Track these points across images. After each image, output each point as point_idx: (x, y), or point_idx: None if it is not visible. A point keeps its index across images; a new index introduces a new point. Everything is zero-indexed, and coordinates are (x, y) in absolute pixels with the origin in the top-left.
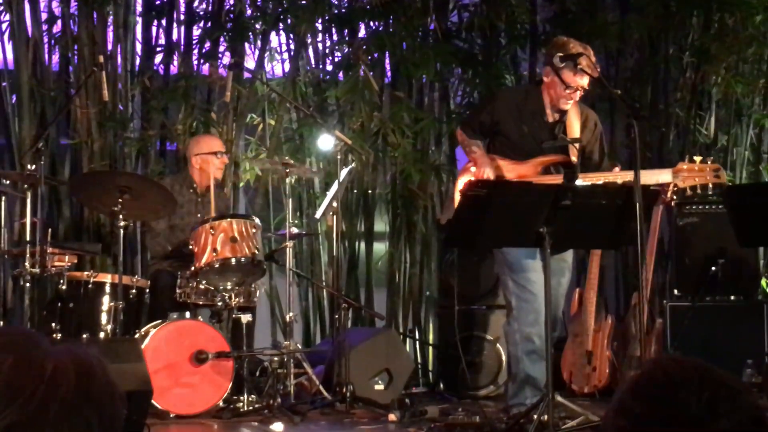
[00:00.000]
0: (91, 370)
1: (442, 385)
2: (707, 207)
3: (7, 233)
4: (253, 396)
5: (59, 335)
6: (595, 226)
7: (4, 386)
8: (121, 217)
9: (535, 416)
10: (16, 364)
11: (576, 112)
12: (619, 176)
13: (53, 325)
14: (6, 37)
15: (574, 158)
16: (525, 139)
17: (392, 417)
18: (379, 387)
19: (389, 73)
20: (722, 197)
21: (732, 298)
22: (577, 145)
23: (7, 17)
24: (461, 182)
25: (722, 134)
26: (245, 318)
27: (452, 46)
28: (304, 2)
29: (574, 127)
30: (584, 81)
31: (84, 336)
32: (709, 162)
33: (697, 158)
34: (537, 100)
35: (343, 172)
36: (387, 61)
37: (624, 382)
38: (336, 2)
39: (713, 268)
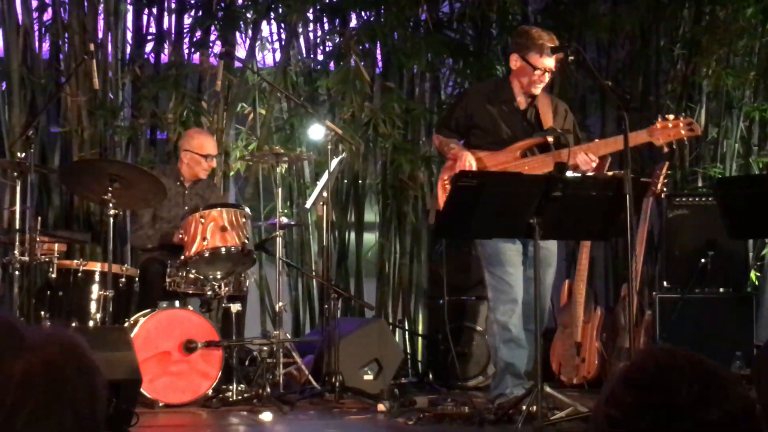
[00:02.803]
0: (63, 369)
1: (431, 376)
2: (697, 199)
3: None
4: (242, 385)
5: (48, 324)
6: (585, 218)
7: None
8: (111, 205)
9: (524, 407)
10: None
11: (546, 101)
12: (602, 144)
13: (42, 313)
14: None
15: (550, 139)
16: (498, 127)
17: (381, 407)
18: (369, 377)
19: (380, 64)
20: (712, 189)
21: (721, 290)
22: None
23: None
24: (443, 180)
25: (713, 126)
26: (235, 307)
27: (443, 36)
28: None
29: (547, 115)
30: (551, 63)
31: (73, 324)
32: (681, 117)
33: (670, 115)
34: (507, 89)
35: (334, 162)
36: (378, 51)
37: (614, 373)
38: None
39: (703, 260)
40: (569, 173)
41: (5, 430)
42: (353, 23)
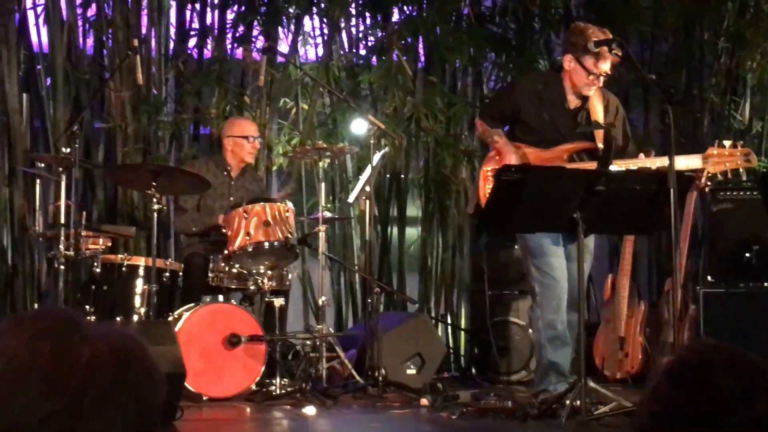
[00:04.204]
0: (128, 356)
1: (473, 370)
2: (741, 193)
3: (42, 216)
4: (285, 379)
5: (93, 318)
6: (629, 212)
7: (42, 376)
8: (154, 200)
9: (568, 401)
10: (53, 351)
11: (598, 97)
12: (649, 161)
13: (87, 307)
14: (41, 20)
15: (600, 145)
16: (546, 126)
17: (424, 401)
18: (411, 371)
19: (422, 58)
20: (756, 183)
21: (765, 284)
22: (603, 130)
23: (43, 1)
24: (485, 171)
25: (757, 120)
26: (278, 302)
27: (486, 30)
28: None
29: (598, 113)
30: (606, 66)
31: (118, 319)
32: (739, 146)
33: (727, 143)
34: (557, 87)
35: (376, 157)
36: (420, 45)
37: (658, 368)
38: None
39: (747, 255)
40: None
41: (71, 411)
42: (395, 18)
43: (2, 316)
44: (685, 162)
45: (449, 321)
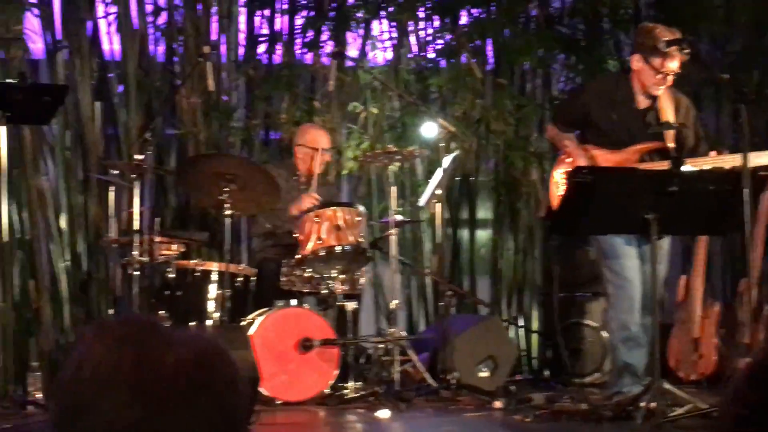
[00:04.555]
0: (211, 362)
1: (546, 373)
2: None
3: (116, 222)
4: (358, 383)
5: (168, 323)
6: (702, 212)
7: (126, 382)
8: (226, 206)
9: (643, 404)
10: (137, 358)
11: (668, 96)
12: (721, 160)
13: (161, 313)
14: (113, 29)
15: (671, 144)
16: (616, 128)
17: (498, 404)
18: (484, 374)
19: (491, 60)
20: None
21: None
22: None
23: (115, 9)
24: (557, 174)
25: None
26: (350, 305)
27: (554, 32)
28: None
29: (668, 113)
30: (674, 65)
31: (192, 324)
32: None
33: None
34: (626, 88)
35: (447, 160)
36: (489, 47)
37: (736, 370)
38: None
39: None
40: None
41: (156, 418)
42: (464, 20)
43: (80, 323)
44: (758, 159)
45: (521, 323)
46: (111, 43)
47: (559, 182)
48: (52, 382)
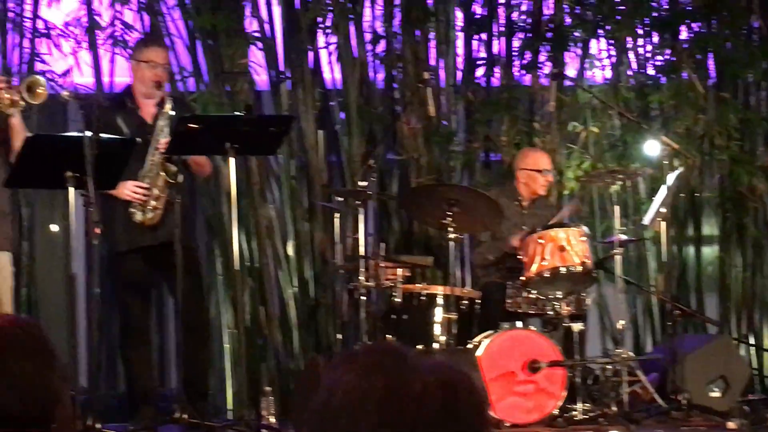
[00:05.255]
0: (456, 389)
1: None
2: None
3: (342, 248)
4: (587, 404)
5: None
6: None
7: (375, 409)
8: (450, 229)
9: None
10: (386, 385)
11: None
12: None
13: (388, 337)
14: (334, 58)
15: None
16: None
17: (731, 425)
18: (715, 394)
19: (713, 74)
20: None
21: None
22: None
23: (335, 40)
24: None
25: None
26: (576, 326)
27: None
28: (623, 7)
29: None
30: None
31: (418, 347)
32: None
33: None
34: None
35: (671, 177)
36: (710, 62)
37: None
38: (656, 5)
39: None
40: None
41: None
42: (683, 35)
43: (309, 349)
44: None
45: (752, 341)
46: (332, 72)
47: None
48: (304, 410)
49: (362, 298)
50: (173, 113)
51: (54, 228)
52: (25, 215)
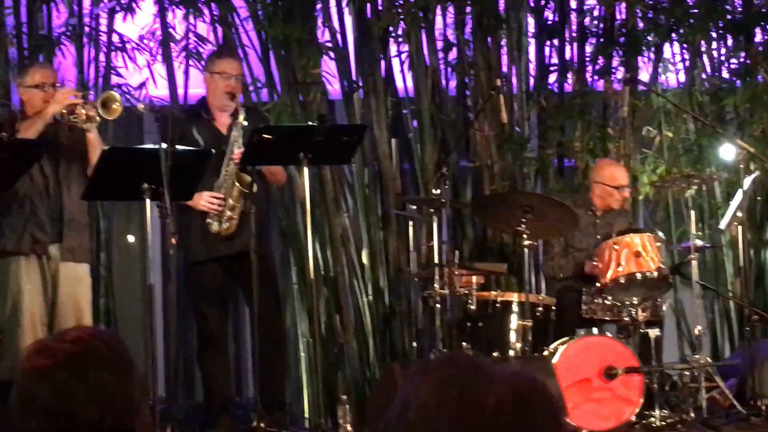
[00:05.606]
0: (531, 400)
1: None
2: None
3: (416, 256)
4: (664, 411)
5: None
6: None
7: (449, 422)
8: (524, 236)
9: None
10: (460, 399)
11: None
12: None
13: (463, 344)
14: (406, 66)
15: None
16: None
17: None
18: None
19: None
20: None
21: None
22: None
23: (407, 48)
24: None
25: None
26: (653, 332)
27: None
28: (696, 11)
29: None
30: None
31: (494, 355)
32: None
33: None
34: None
35: (747, 181)
36: None
37: None
38: (729, 8)
39: None
40: None
41: None
42: (758, 38)
43: (384, 356)
44: None
45: None
46: (404, 81)
47: None
48: (380, 420)
49: (437, 305)
50: (247, 124)
51: (131, 239)
52: (103, 227)
